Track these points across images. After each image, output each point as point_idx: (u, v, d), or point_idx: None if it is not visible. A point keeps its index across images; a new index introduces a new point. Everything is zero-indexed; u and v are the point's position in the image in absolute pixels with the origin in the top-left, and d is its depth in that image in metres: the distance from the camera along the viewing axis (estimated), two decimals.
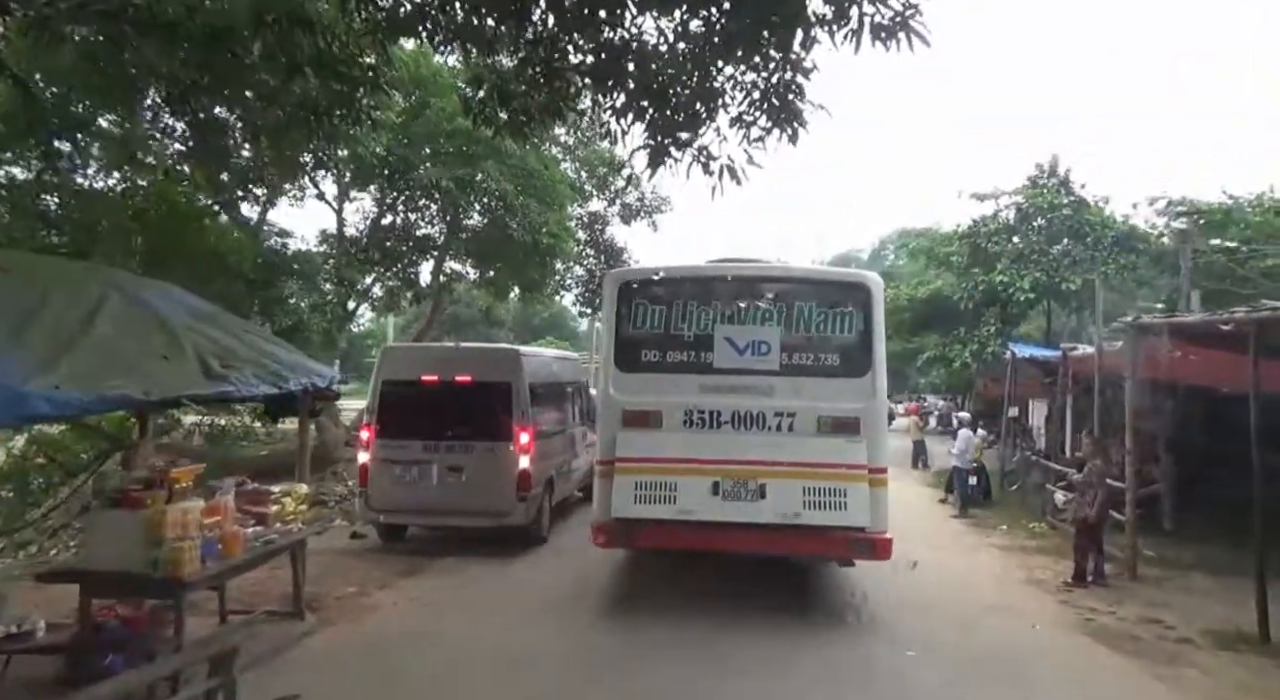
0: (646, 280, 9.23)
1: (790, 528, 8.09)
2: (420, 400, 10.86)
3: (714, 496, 8.17)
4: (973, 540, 13.31)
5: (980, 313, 24.30)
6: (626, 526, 8.29)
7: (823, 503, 8.09)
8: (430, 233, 23.03)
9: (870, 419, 8.48)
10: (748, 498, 8.17)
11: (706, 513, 8.12)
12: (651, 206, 26.97)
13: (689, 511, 8.13)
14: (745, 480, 8.19)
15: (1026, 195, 23.84)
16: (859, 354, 8.67)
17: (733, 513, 8.12)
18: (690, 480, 8.22)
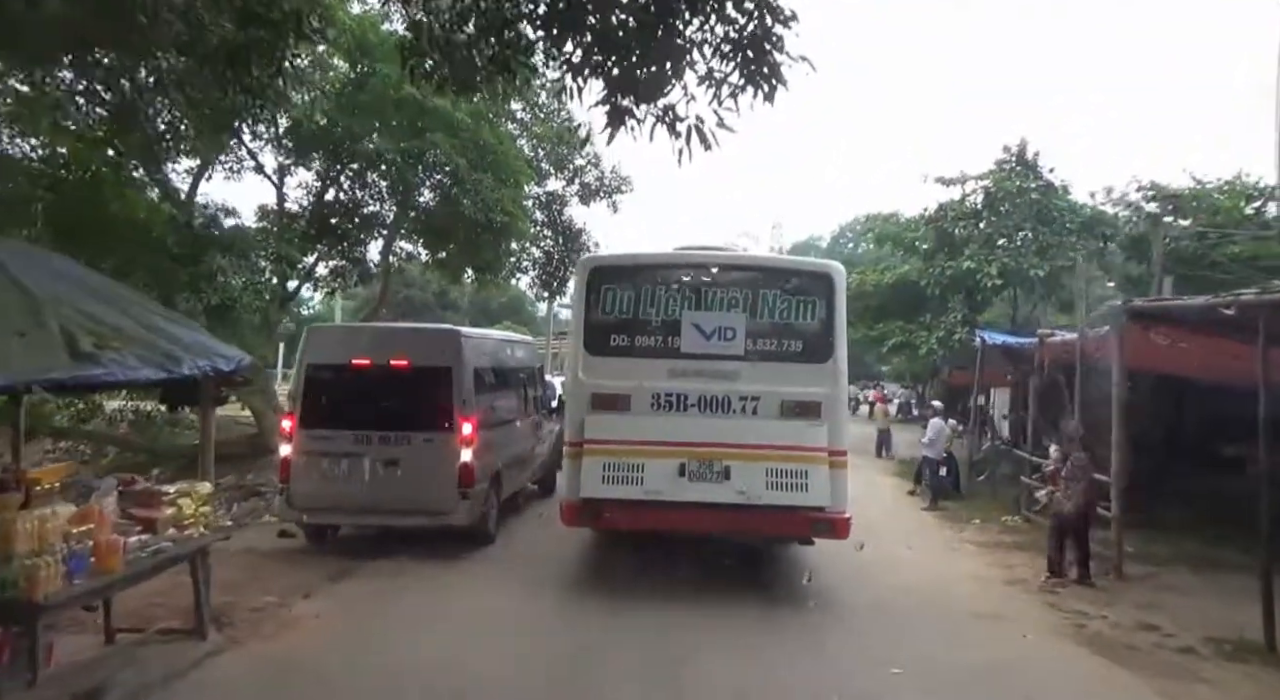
0: (616, 266, 9.41)
1: (754, 508, 8.33)
2: (350, 387, 9.86)
3: (680, 478, 8.41)
4: (947, 536, 12.67)
5: (946, 299, 23.78)
6: (594, 506, 8.49)
7: (785, 484, 8.36)
8: (379, 210, 21.92)
9: (831, 403, 8.74)
10: (713, 479, 8.41)
11: (673, 493, 8.33)
12: (611, 186, 25.95)
13: (656, 492, 8.35)
14: (710, 462, 8.43)
15: (994, 179, 23.31)
16: (821, 340, 8.91)
17: (698, 493, 8.34)
18: (657, 462, 8.44)
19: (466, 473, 9.65)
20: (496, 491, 10.81)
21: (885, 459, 23.57)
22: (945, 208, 24.27)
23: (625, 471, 8.46)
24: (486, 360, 10.95)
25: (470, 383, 9.86)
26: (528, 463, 12.63)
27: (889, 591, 9.06)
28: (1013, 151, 23.78)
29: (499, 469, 10.85)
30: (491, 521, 10.58)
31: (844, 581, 9.42)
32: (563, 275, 26.89)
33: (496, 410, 11.07)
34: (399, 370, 9.82)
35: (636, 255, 9.68)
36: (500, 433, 11.07)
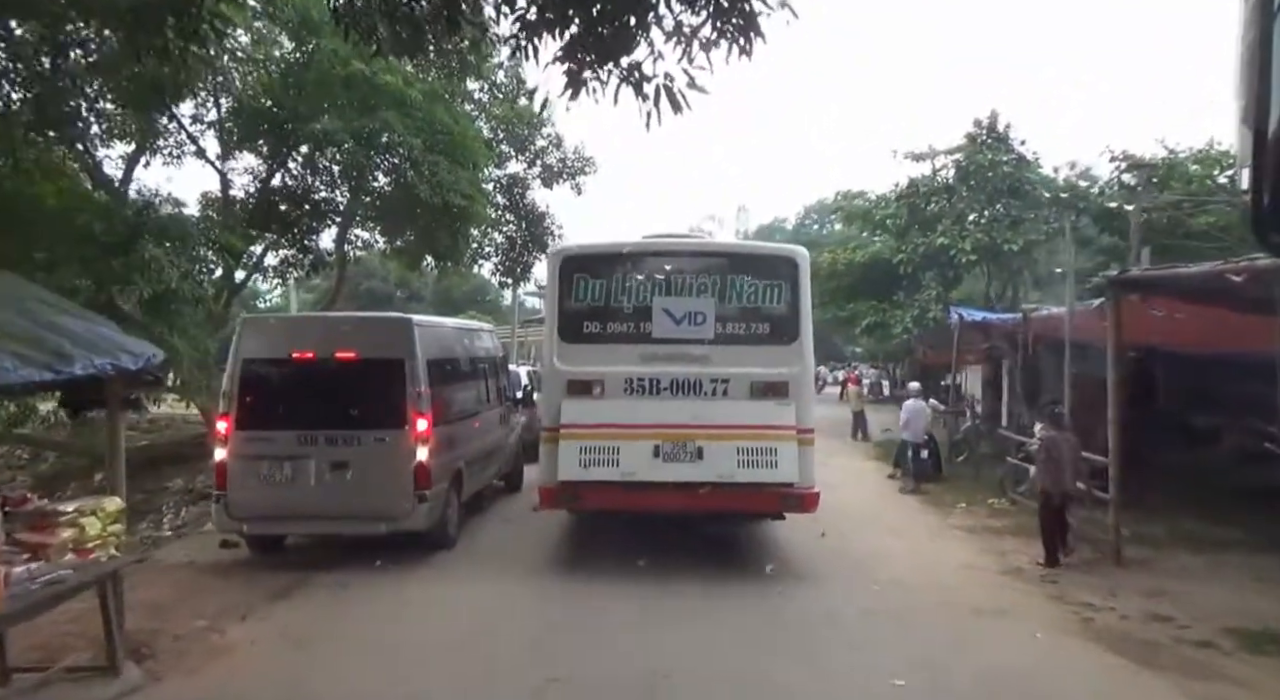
0: (587, 255, 9.58)
1: (726, 486, 8.55)
2: (292, 383, 9.01)
3: (655, 459, 8.62)
4: (933, 522, 12.12)
5: (920, 276, 23.32)
6: (572, 489, 8.70)
7: (755, 461, 8.60)
8: (331, 196, 20.93)
9: (798, 383, 9.04)
10: (686, 459, 8.62)
11: (648, 474, 8.55)
12: (574, 168, 25.12)
13: (631, 473, 8.57)
14: (684, 442, 8.65)
15: (966, 153, 22.83)
16: (788, 323, 9.16)
17: (672, 473, 8.56)
18: (632, 444, 8.65)
19: (422, 473, 8.86)
20: (457, 492, 10.03)
21: (861, 441, 23.12)
22: (917, 183, 23.77)
23: (601, 454, 8.66)
24: (443, 350, 10.14)
25: (425, 375, 9.05)
26: (492, 459, 11.86)
27: (881, 587, 8.45)
28: (983, 124, 23.31)
29: (460, 467, 10.08)
30: (452, 525, 9.81)
31: (832, 578, 8.80)
32: (526, 261, 26.07)
33: (455, 404, 10.28)
34: (346, 363, 8.99)
35: (607, 244, 9.81)
36: (460, 428, 10.28)
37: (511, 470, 13.30)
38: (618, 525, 10.56)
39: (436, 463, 9.10)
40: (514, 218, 25.62)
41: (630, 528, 10.37)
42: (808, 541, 10.48)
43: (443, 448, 9.38)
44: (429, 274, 35.67)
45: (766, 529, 11.36)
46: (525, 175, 25.52)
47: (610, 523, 10.79)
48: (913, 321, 21.72)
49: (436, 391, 9.37)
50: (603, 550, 9.59)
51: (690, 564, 9.09)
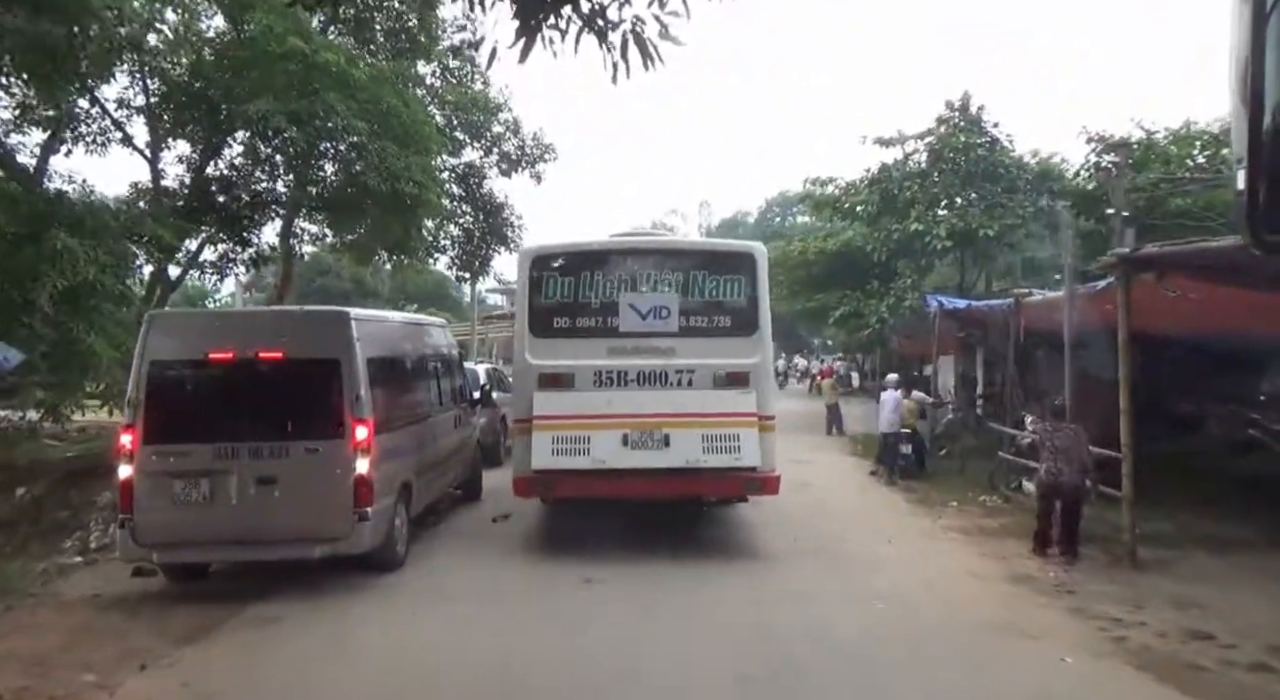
0: (556, 254, 9.94)
1: (693, 471, 8.96)
2: (209, 388, 7.91)
3: (624, 447, 8.96)
4: (925, 523, 11.30)
5: (893, 264, 22.58)
6: (546, 478, 9.06)
7: (719, 447, 8.97)
8: (273, 187, 19.62)
9: (759, 372, 9.51)
10: (654, 446, 8.97)
11: (618, 461, 8.89)
12: (533, 155, 24.00)
13: (602, 461, 8.89)
14: (651, 431, 9.00)
15: (938, 136, 22.10)
16: (748, 315, 9.60)
17: (641, 460, 8.91)
18: (602, 433, 8.98)
19: (363, 487, 7.78)
20: (406, 505, 8.96)
21: (836, 436, 22.36)
22: (889, 168, 23.01)
23: (573, 444, 8.96)
24: (386, 347, 9.06)
25: (365, 376, 7.97)
26: (446, 465, 10.79)
27: (881, 603, 7.57)
28: (955, 106, 22.61)
29: (408, 478, 9.01)
30: (400, 543, 8.73)
31: (824, 592, 7.90)
32: (485, 254, 24.90)
33: (402, 407, 9.21)
34: (272, 364, 7.88)
35: (574, 244, 10.26)
36: (408, 434, 9.21)
37: (470, 477, 12.22)
38: (588, 537, 9.66)
39: (380, 474, 8.03)
40: (471, 209, 24.46)
41: (601, 540, 9.47)
42: (794, 549, 9.63)
43: (387, 457, 8.31)
44: (384, 270, 34.33)
45: (747, 535, 10.49)
46: (482, 164, 24.36)
47: (580, 534, 9.90)
48: (888, 311, 20.93)
49: (379, 394, 8.29)
50: (570, 564, 8.62)
51: (668, 580, 8.17)
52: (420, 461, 9.50)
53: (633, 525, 9.98)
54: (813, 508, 12.30)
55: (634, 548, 9.27)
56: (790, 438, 22.58)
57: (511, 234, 24.36)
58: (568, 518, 10.95)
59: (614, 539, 9.53)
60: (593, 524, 10.23)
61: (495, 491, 12.87)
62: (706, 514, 11.25)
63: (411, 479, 9.09)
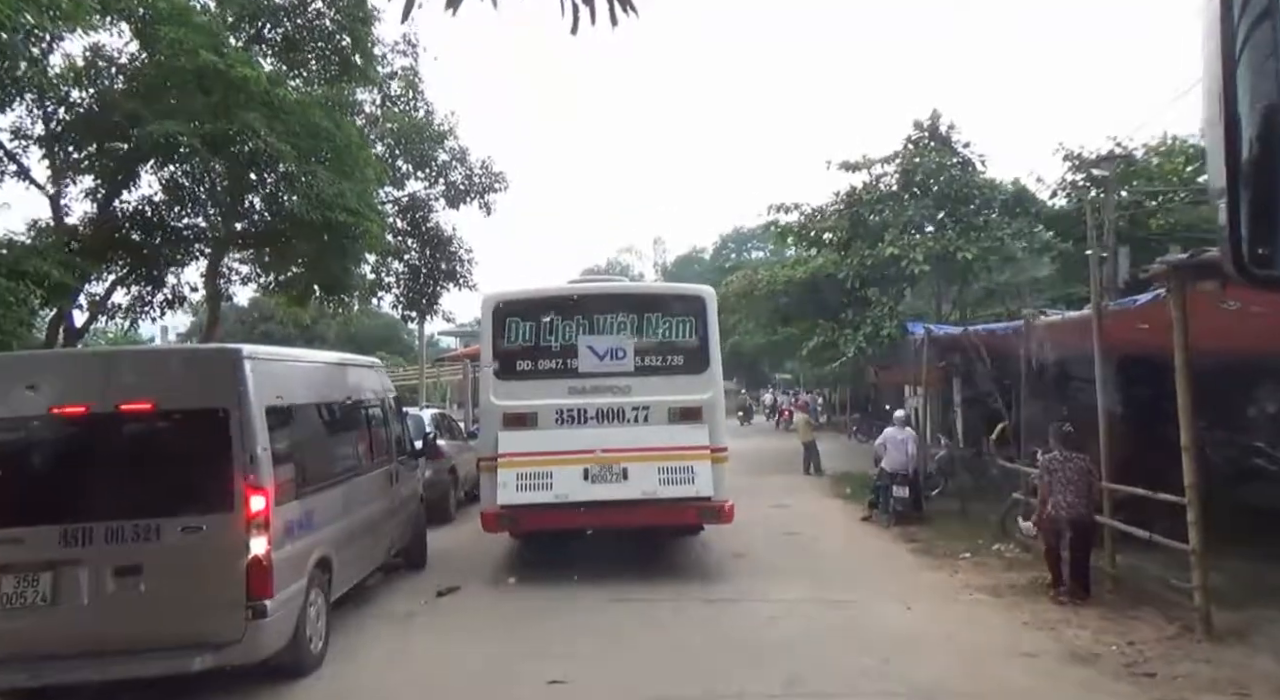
0: (517, 301, 10.49)
1: (650, 502, 9.38)
2: (54, 452, 6.12)
3: (585, 481, 9.44)
4: (941, 580, 9.81)
5: (865, 292, 21.38)
6: (512, 512, 9.53)
7: (675, 479, 9.46)
8: (197, 222, 17.85)
9: (711, 407, 10.04)
10: (613, 480, 9.46)
11: (579, 495, 9.36)
12: (482, 185, 22.50)
13: (564, 495, 9.36)
14: (610, 465, 9.49)
15: (906, 158, 21.09)
16: (699, 354, 10.15)
17: (601, 493, 9.37)
18: (564, 469, 9.45)
19: (260, 574, 6.04)
20: (323, 589, 7.21)
21: (814, 475, 20.91)
22: (859, 192, 21.93)
23: (536, 479, 9.43)
24: (297, 393, 7.33)
25: (263, 429, 6.26)
26: (379, 531, 9.02)
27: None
28: (924, 126, 21.66)
29: (326, 554, 7.25)
30: (316, 639, 6.95)
31: (856, 689, 6.30)
32: (433, 291, 23.24)
33: (317, 466, 7.47)
34: (139, 419, 6.16)
35: (534, 291, 10.85)
36: (326, 499, 7.47)
37: (412, 541, 10.45)
38: (554, 621, 8.02)
39: (284, 555, 6.31)
40: (417, 243, 22.85)
41: (570, 627, 7.84)
42: (796, 618, 8.04)
43: (295, 531, 6.59)
44: (330, 314, 32.35)
45: (741, 596, 8.88)
46: (427, 195, 22.82)
47: (544, 615, 8.24)
48: (865, 340, 19.64)
49: (284, 451, 6.59)
50: (531, 661, 6.91)
51: (654, 682, 6.51)
52: (343, 531, 7.75)
53: (608, 612, 8.39)
54: (806, 562, 10.78)
55: (609, 638, 7.61)
56: (765, 479, 21.13)
57: (461, 269, 22.79)
58: (530, 592, 9.29)
59: (586, 627, 7.89)
60: (559, 603, 8.60)
61: (444, 555, 11.15)
62: (690, 576, 9.69)
63: (330, 554, 7.33)
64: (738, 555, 11.08)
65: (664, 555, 10.93)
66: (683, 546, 11.43)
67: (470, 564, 10.86)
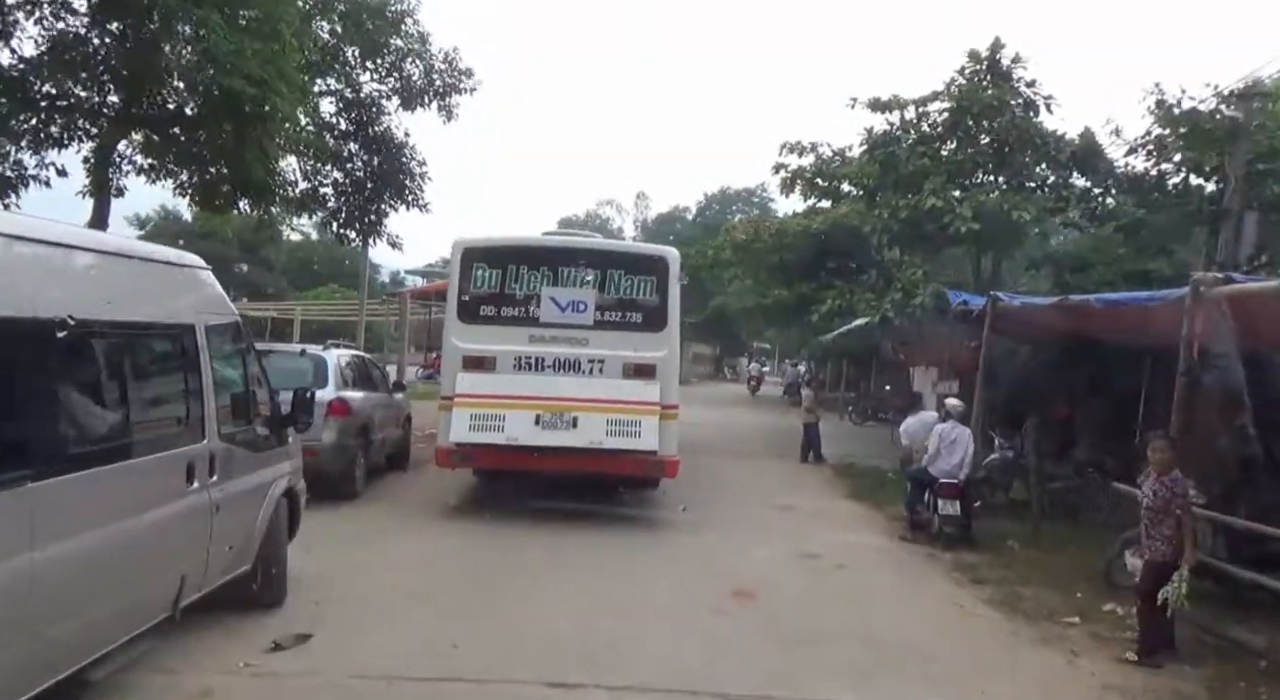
0: (486, 248, 10.89)
1: (597, 451, 9.90)
2: None
3: (535, 426, 9.91)
4: (1058, 669, 6.45)
5: (894, 251, 17.91)
6: (464, 450, 10.15)
7: (622, 431, 9.92)
8: (93, 96, 14.25)
9: (665, 365, 10.46)
10: (563, 427, 9.93)
11: (529, 439, 9.89)
12: (446, 85, 18.57)
13: (514, 438, 9.88)
14: (561, 413, 9.94)
15: (965, 91, 17.47)
16: (658, 313, 10.58)
17: (550, 439, 9.88)
18: (516, 413, 9.94)
19: None
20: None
21: (814, 464, 17.59)
22: (894, 130, 18.32)
23: (489, 421, 9.92)
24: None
25: None
26: (143, 566, 4.97)
27: None
28: (982, 58, 18.00)
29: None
30: None
31: None
32: (378, 208, 19.37)
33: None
34: None
35: (504, 238, 11.51)
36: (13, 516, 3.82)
37: (267, 563, 6.53)
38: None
39: None
40: (363, 148, 18.93)
41: None
42: None
43: None
44: (256, 227, 28.22)
45: None
46: (379, 97, 18.84)
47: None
48: (893, 308, 16.17)
49: None
50: None
51: None
52: (25, 576, 4.07)
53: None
54: (843, 614, 7.40)
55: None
56: (757, 465, 17.57)
57: (411, 185, 18.91)
58: (388, 649, 5.80)
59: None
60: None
61: (327, 564, 7.58)
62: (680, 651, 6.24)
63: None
64: (741, 595, 7.69)
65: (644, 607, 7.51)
66: (668, 584, 8.06)
67: (368, 582, 7.40)
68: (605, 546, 9.45)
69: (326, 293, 43.26)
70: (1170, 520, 6.61)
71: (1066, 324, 10.74)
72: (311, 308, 38.45)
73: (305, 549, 7.59)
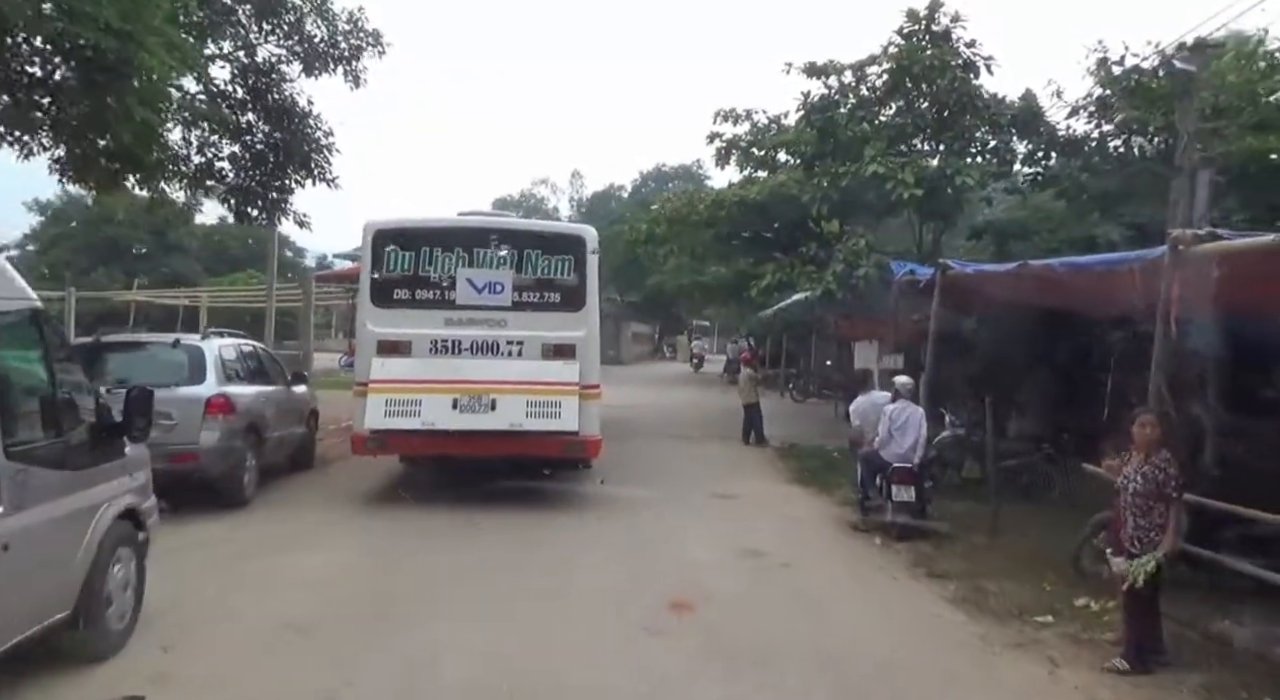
0: (398, 229, 10.76)
1: (517, 433, 9.76)
2: None
3: (453, 410, 9.76)
4: (1038, 680, 5.63)
5: (833, 222, 17.09)
6: (380, 436, 9.95)
7: (542, 413, 9.78)
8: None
9: (585, 345, 10.36)
10: (481, 410, 9.78)
11: (446, 423, 9.73)
12: (352, 48, 17.03)
13: (431, 422, 9.74)
14: (480, 396, 9.79)
15: (902, 52, 16.67)
16: (576, 293, 10.48)
17: (469, 422, 9.73)
18: (433, 397, 9.79)
19: None
20: None
21: (756, 446, 16.81)
22: (831, 94, 17.47)
23: (405, 406, 9.75)
24: None
25: None
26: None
27: None
28: (920, 17, 17.19)
29: None
30: None
31: None
32: (282, 184, 17.78)
33: None
34: None
35: (417, 220, 11.52)
36: None
37: (94, 605, 5.20)
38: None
39: None
40: (262, 119, 17.29)
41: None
42: None
43: None
44: (150, 208, 26.16)
45: None
46: (276, 58, 17.20)
47: None
48: (835, 280, 15.36)
49: None
50: None
51: None
52: None
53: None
54: (796, 628, 6.49)
55: None
56: (698, 448, 16.61)
57: (318, 158, 17.36)
58: None
59: None
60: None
61: (173, 613, 6.34)
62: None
63: None
64: (680, 607, 6.74)
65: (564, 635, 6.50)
66: (598, 596, 7.06)
67: (241, 613, 6.26)
68: (528, 549, 8.43)
69: (244, 278, 40.98)
70: (1161, 506, 5.87)
71: (1023, 292, 10.01)
72: (228, 295, 36.32)
73: (167, 576, 6.42)
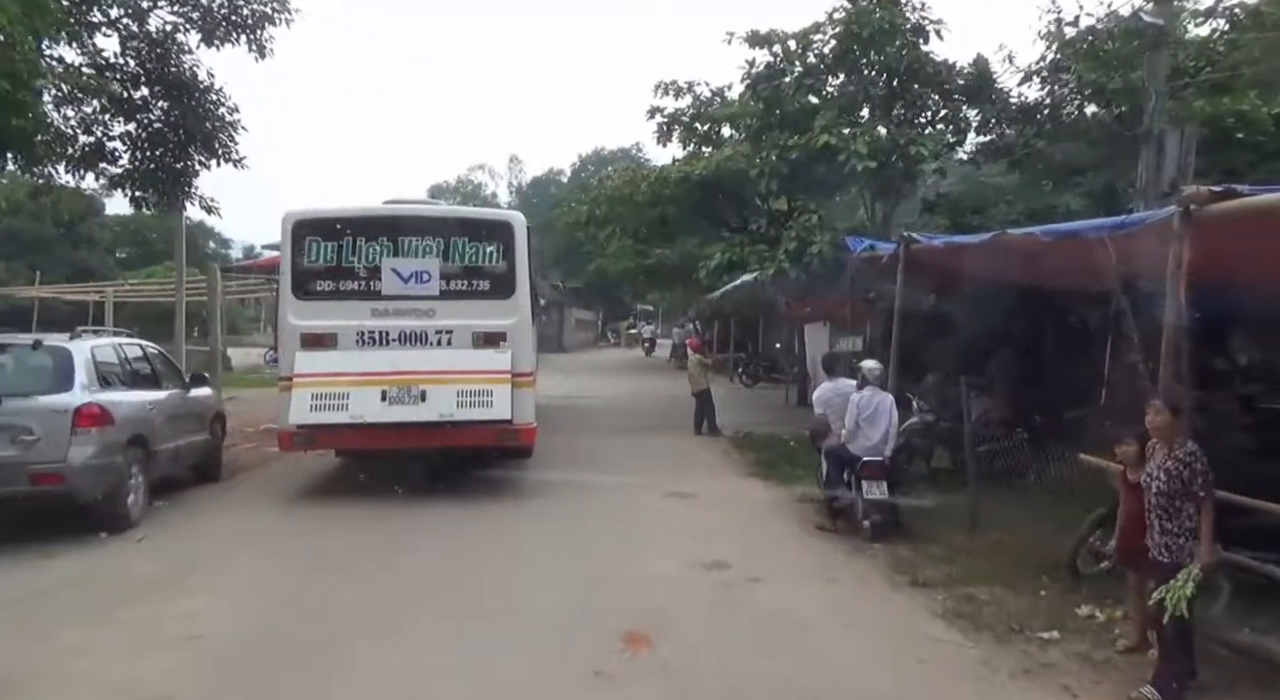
0: (319, 219, 10.36)
1: (448, 424, 9.59)
2: None
3: (382, 402, 9.60)
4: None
5: (782, 198, 16.21)
6: (307, 432, 9.73)
7: (474, 402, 9.64)
8: None
9: (515, 333, 10.20)
10: (411, 402, 9.63)
11: (376, 416, 9.56)
12: (255, 16, 15.49)
13: (360, 416, 9.55)
14: (409, 387, 9.66)
15: (850, 15, 15.79)
16: (506, 280, 10.30)
17: (398, 415, 9.57)
18: (361, 390, 9.60)
19: None
20: None
21: (709, 436, 15.90)
22: (777, 62, 16.54)
23: (332, 400, 9.55)
24: None
25: None
26: None
27: None
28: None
29: None
30: None
31: None
32: (184, 166, 16.21)
33: None
34: None
35: (338, 209, 10.66)
36: None
37: None
38: None
39: None
40: (160, 92, 15.67)
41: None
42: None
43: None
44: (37, 196, 24.12)
45: None
46: (171, 27, 15.59)
47: None
48: (788, 258, 14.48)
49: None
50: None
51: None
52: None
53: None
54: (758, 665, 5.55)
55: None
56: (648, 441, 15.48)
57: (223, 137, 15.85)
58: None
59: None
60: None
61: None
62: None
63: None
64: (635, 641, 5.74)
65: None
66: (540, 632, 6.00)
67: (91, 680, 5.07)
68: (460, 570, 7.38)
69: (162, 272, 38.62)
70: (1190, 507, 5.06)
71: (997, 265, 9.21)
72: (140, 290, 34.09)
73: (15, 629, 5.25)
